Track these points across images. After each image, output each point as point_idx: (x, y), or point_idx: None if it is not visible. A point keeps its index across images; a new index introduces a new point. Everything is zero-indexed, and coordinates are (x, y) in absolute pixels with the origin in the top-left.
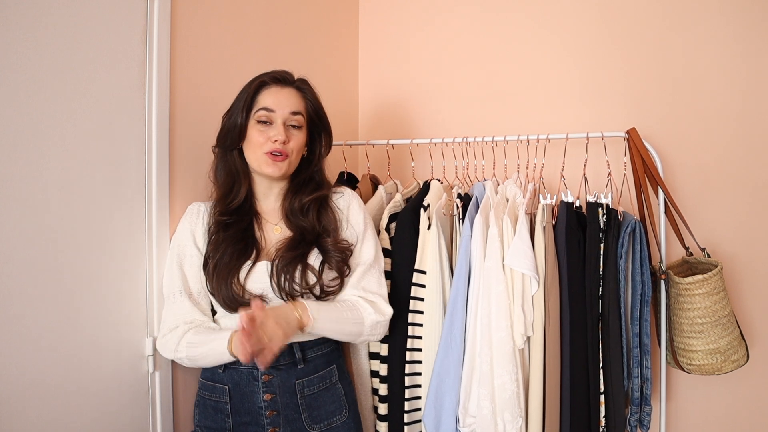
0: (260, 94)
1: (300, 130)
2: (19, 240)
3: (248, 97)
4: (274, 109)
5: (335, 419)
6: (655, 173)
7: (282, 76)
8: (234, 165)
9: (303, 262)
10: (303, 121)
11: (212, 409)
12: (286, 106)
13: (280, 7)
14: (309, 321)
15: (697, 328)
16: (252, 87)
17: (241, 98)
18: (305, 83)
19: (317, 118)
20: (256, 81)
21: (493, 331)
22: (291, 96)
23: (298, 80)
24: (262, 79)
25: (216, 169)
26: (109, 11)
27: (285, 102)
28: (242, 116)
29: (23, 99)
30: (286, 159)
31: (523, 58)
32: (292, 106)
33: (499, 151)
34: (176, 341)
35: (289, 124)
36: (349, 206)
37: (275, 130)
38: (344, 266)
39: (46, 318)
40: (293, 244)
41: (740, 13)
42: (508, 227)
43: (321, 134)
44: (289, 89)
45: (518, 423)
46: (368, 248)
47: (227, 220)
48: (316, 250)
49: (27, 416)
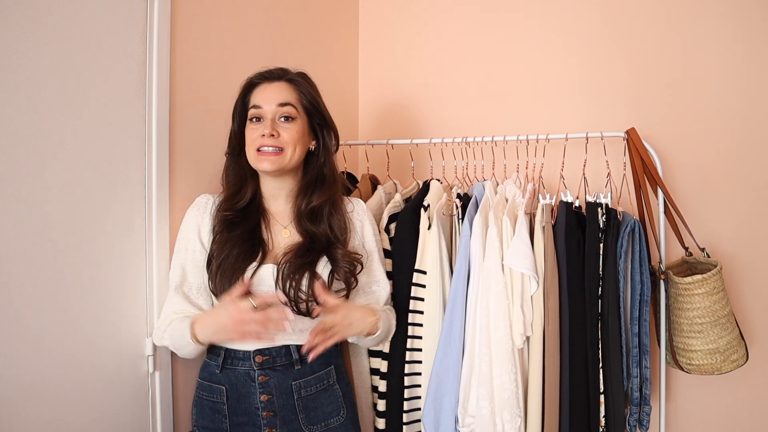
0: (251, 94)
1: (293, 121)
2: (19, 240)
3: (239, 100)
4: (261, 105)
5: (333, 420)
6: (654, 173)
7: (270, 73)
8: (242, 167)
9: (311, 271)
10: (295, 112)
11: (209, 409)
12: (273, 100)
13: (280, 7)
14: (376, 331)
15: (697, 328)
16: (242, 90)
17: (236, 103)
18: (301, 75)
19: (315, 110)
20: (245, 82)
21: (492, 331)
22: (279, 89)
23: (293, 73)
24: (251, 80)
25: (227, 172)
26: (109, 11)
27: (272, 96)
28: (237, 121)
29: (23, 99)
30: (281, 153)
31: (523, 58)
32: (280, 98)
33: (498, 151)
34: (162, 329)
35: (281, 118)
36: (363, 224)
37: (263, 125)
38: (352, 278)
39: (46, 318)
40: (302, 251)
41: (740, 13)
42: (508, 227)
43: (324, 127)
44: (277, 83)
45: (517, 423)
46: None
47: (233, 217)
48: (325, 258)
49: (27, 416)
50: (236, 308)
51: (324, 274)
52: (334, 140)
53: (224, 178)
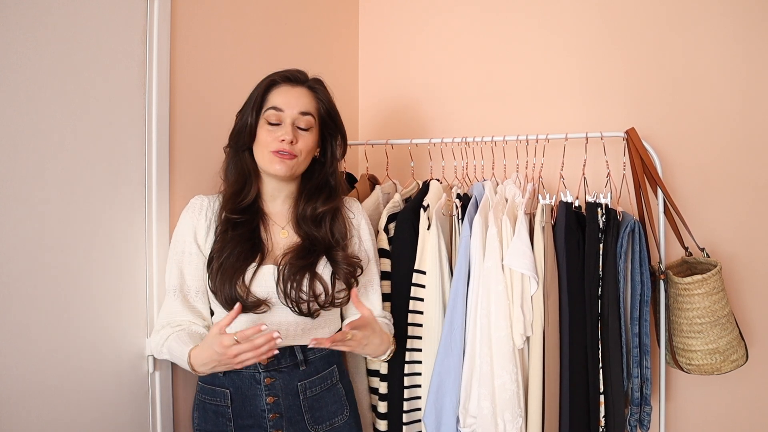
0: (270, 93)
1: (309, 132)
2: (19, 240)
3: (258, 96)
4: (283, 108)
5: (337, 419)
6: (654, 173)
7: (293, 75)
8: (246, 165)
9: (312, 272)
10: (313, 122)
11: (213, 413)
12: (295, 106)
13: (280, 7)
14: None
15: (697, 328)
16: (262, 86)
17: (252, 97)
18: (319, 83)
19: (330, 119)
20: (266, 80)
21: (493, 331)
22: (302, 96)
23: (311, 80)
24: (273, 78)
25: (227, 168)
26: (109, 11)
27: (294, 102)
28: (252, 116)
29: (23, 99)
30: (294, 159)
31: (523, 58)
32: (302, 106)
33: (498, 151)
34: (161, 343)
35: (298, 125)
36: (359, 226)
37: (283, 129)
38: (352, 279)
39: (45, 318)
40: (302, 253)
41: (740, 13)
42: (508, 227)
43: (335, 136)
44: (300, 89)
45: (518, 423)
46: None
47: (238, 219)
48: (324, 259)
49: (27, 416)
50: (220, 345)
51: (325, 276)
52: (341, 147)
53: (224, 174)
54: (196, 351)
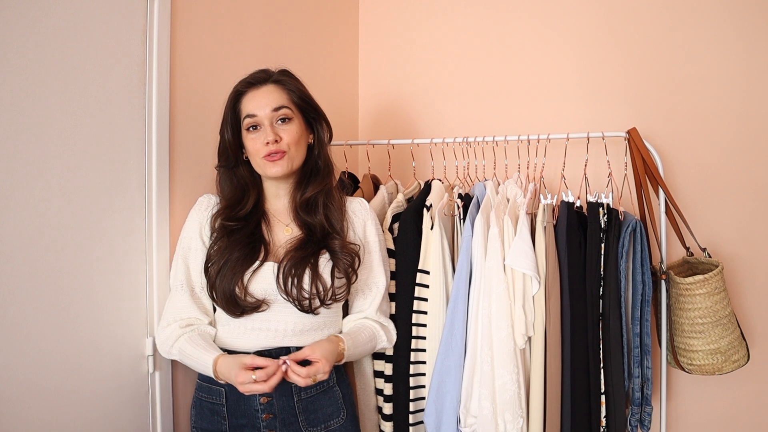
0: (240, 103)
1: (291, 122)
2: (19, 240)
3: (229, 111)
4: (256, 112)
5: (333, 422)
6: (655, 173)
7: (255, 78)
8: (241, 179)
9: (312, 269)
10: (291, 112)
11: (209, 410)
12: (266, 106)
13: (280, 7)
14: (344, 357)
15: (698, 328)
16: (230, 100)
17: (225, 114)
18: (285, 74)
19: (306, 105)
20: (232, 93)
21: (494, 331)
22: (269, 93)
23: (276, 74)
24: (237, 89)
25: (220, 185)
26: (108, 11)
27: (264, 102)
28: (228, 132)
29: (23, 99)
30: (285, 155)
31: (524, 58)
32: (273, 103)
33: (499, 151)
34: (170, 344)
35: (278, 121)
36: (365, 223)
37: (263, 132)
38: (352, 271)
39: (45, 318)
40: (301, 244)
41: (742, 13)
42: (509, 227)
43: (318, 120)
44: (266, 87)
45: (519, 423)
46: (386, 270)
47: (234, 226)
48: (326, 255)
49: (27, 416)
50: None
51: (326, 272)
52: (326, 131)
53: (219, 191)
54: (221, 363)
